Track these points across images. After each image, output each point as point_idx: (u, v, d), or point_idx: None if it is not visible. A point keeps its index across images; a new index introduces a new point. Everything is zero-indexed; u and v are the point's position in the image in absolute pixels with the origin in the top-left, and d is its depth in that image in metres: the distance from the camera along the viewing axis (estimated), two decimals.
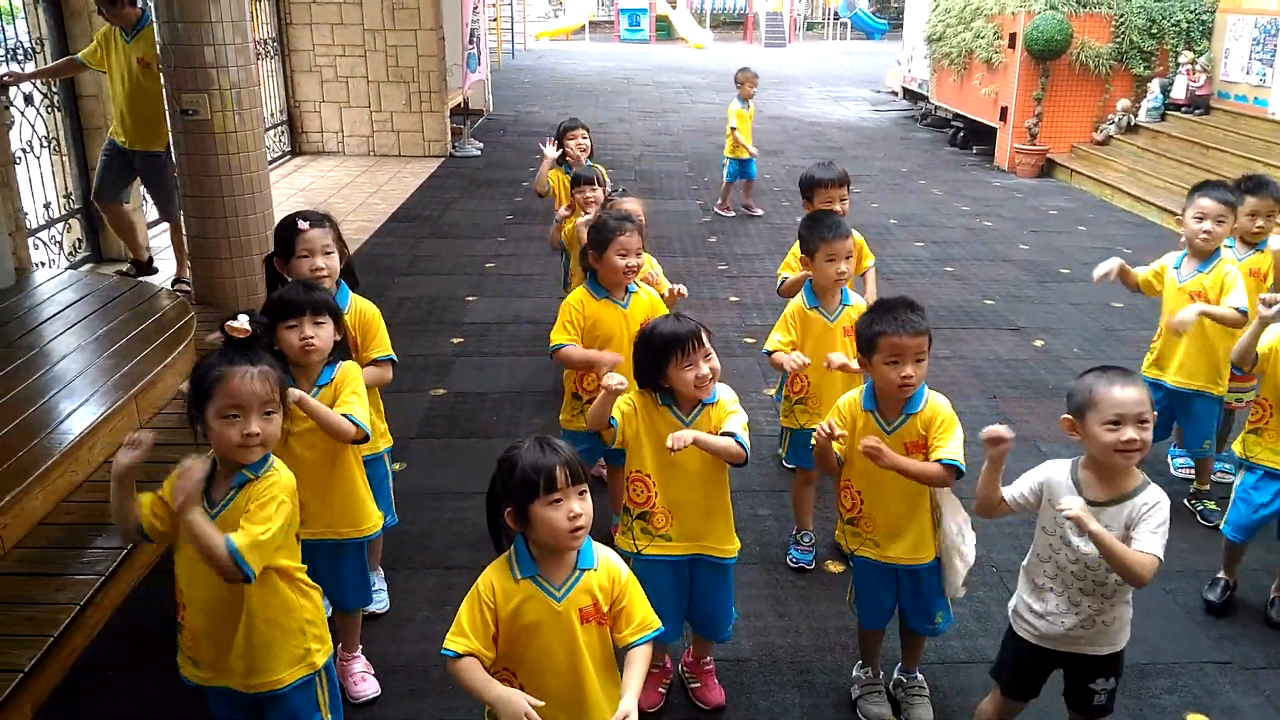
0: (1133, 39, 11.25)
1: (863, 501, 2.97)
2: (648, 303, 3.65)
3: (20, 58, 6.54)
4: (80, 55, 6.40)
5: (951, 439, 2.79)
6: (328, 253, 3.20)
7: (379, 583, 3.60)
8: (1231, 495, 3.67)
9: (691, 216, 9.42)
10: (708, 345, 2.77)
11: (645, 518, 2.91)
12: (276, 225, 3.30)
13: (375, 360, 3.30)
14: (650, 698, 3.10)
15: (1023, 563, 2.71)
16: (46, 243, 6.66)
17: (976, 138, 12.98)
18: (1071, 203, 10.37)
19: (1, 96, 5.99)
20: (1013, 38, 11.51)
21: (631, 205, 4.21)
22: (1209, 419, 4.22)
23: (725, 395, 2.86)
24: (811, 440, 2.96)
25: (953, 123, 13.87)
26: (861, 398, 2.94)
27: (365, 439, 2.87)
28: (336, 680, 2.60)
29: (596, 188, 4.95)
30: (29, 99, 6.51)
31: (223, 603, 2.32)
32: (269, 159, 7.63)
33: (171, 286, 6.47)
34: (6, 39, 6.54)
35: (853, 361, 3.20)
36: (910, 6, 16.30)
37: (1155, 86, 11.23)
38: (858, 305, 3.61)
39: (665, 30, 30.84)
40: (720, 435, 2.76)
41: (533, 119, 15.13)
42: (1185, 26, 11.17)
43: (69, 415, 4.03)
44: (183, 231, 6.47)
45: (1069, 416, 2.52)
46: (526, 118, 15.33)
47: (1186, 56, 10.97)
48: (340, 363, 2.92)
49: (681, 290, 3.98)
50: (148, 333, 4.90)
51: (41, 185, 6.63)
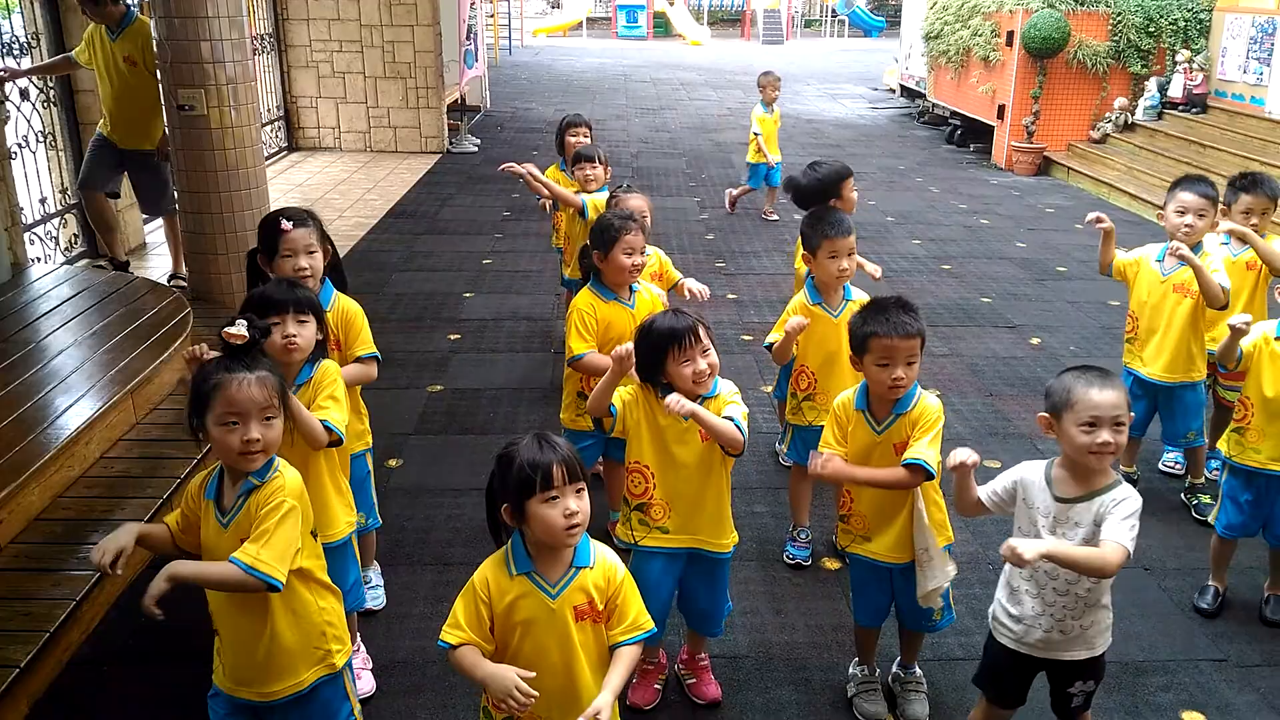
0: (1130, 37, 11.26)
1: (853, 499, 3.00)
2: (650, 301, 3.65)
3: (16, 52, 6.53)
4: (73, 53, 6.38)
5: (925, 438, 2.77)
6: (310, 252, 3.14)
7: (376, 579, 3.60)
8: (1219, 494, 3.68)
9: (689, 213, 9.42)
10: (706, 340, 2.76)
11: (643, 509, 2.92)
12: (260, 222, 3.25)
13: (360, 358, 3.26)
14: (646, 694, 3.11)
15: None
16: (42, 238, 6.65)
17: (974, 135, 13.00)
18: (1068, 201, 10.38)
19: None
20: (1010, 35, 11.52)
21: (636, 201, 4.16)
22: (1190, 408, 4.19)
23: (725, 389, 2.86)
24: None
25: (950, 120, 13.88)
26: (855, 396, 2.95)
27: (339, 443, 2.82)
28: (352, 667, 2.60)
29: (597, 165, 4.92)
30: (25, 94, 6.50)
31: (247, 612, 2.31)
32: (265, 155, 7.61)
33: (168, 282, 6.45)
34: (2, 34, 6.52)
35: None
36: (908, 4, 16.29)
37: (1152, 85, 11.25)
38: (861, 301, 3.61)
39: (663, 27, 30.84)
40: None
41: (530, 115, 15.13)
42: (1183, 25, 11.18)
43: (65, 411, 4.03)
44: (178, 228, 6.46)
45: (1046, 415, 2.53)
46: (524, 114, 15.32)
47: (1184, 55, 10.98)
48: (319, 361, 2.87)
49: (703, 292, 3.93)
50: (144, 328, 4.89)
51: (37, 180, 6.61)
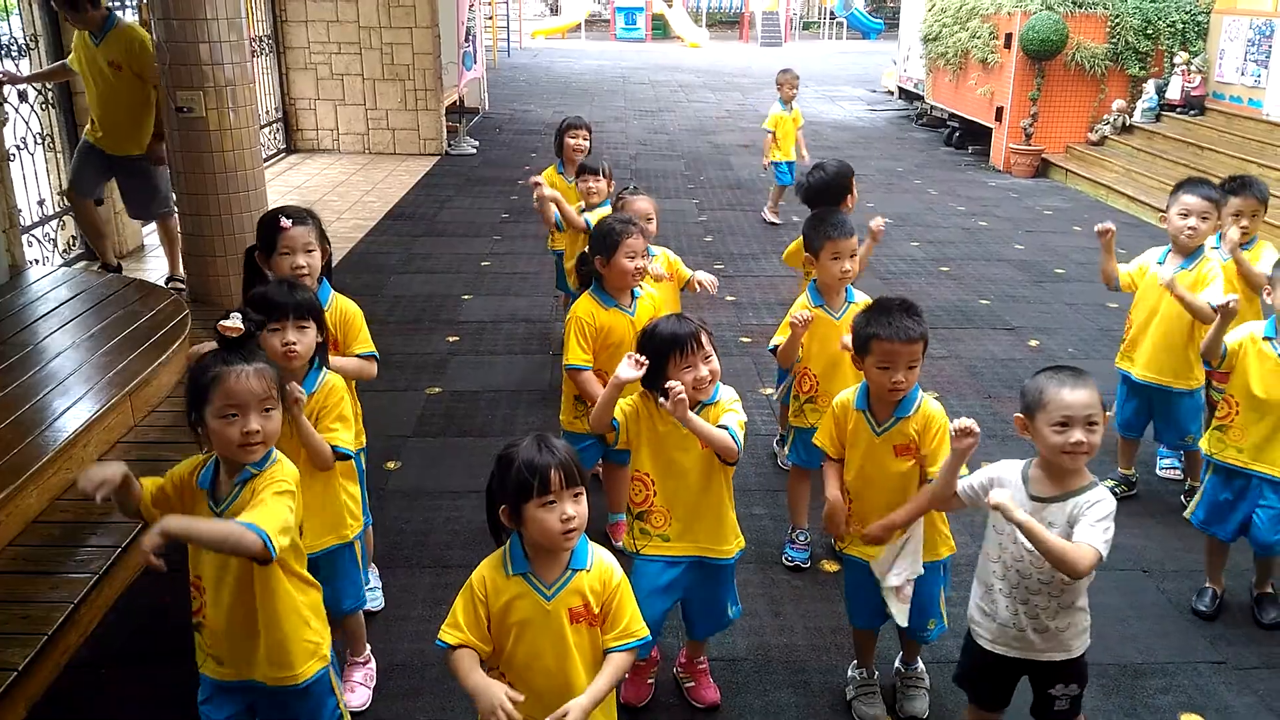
0: (1128, 39, 11.26)
1: (852, 500, 2.99)
2: (651, 306, 3.64)
3: (15, 54, 6.52)
4: (68, 60, 6.34)
5: (948, 455, 2.76)
6: (309, 250, 3.14)
7: (374, 581, 3.59)
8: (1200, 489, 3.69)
9: (687, 215, 9.42)
10: (708, 347, 2.76)
11: (644, 517, 2.92)
12: (259, 219, 3.26)
13: (359, 356, 3.27)
14: (640, 691, 3.10)
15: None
16: (41, 240, 6.65)
17: (972, 138, 13.00)
18: (1067, 203, 10.39)
19: None
20: (1008, 38, 11.53)
21: (643, 204, 4.15)
22: (1186, 414, 4.19)
23: (725, 396, 2.85)
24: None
25: (948, 122, 13.88)
26: (855, 397, 2.95)
27: (347, 459, 2.83)
28: (336, 660, 2.59)
29: (600, 179, 4.91)
30: (23, 96, 6.50)
31: (241, 597, 2.30)
32: (264, 157, 7.59)
33: (166, 284, 6.45)
34: (0, 35, 6.52)
35: None
36: (906, 6, 16.32)
37: (1150, 87, 11.26)
38: (865, 304, 3.60)
39: (661, 29, 30.86)
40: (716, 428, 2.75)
41: (529, 117, 15.13)
42: (1181, 27, 11.19)
43: (63, 413, 4.02)
44: (172, 229, 6.46)
45: (1020, 415, 2.53)
46: (522, 116, 15.32)
47: (1182, 57, 10.98)
48: (324, 374, 2.85)
49: (713, 284, 4.08)
50: (142, 331, 4.89)
51: (36, 182, 6.61)
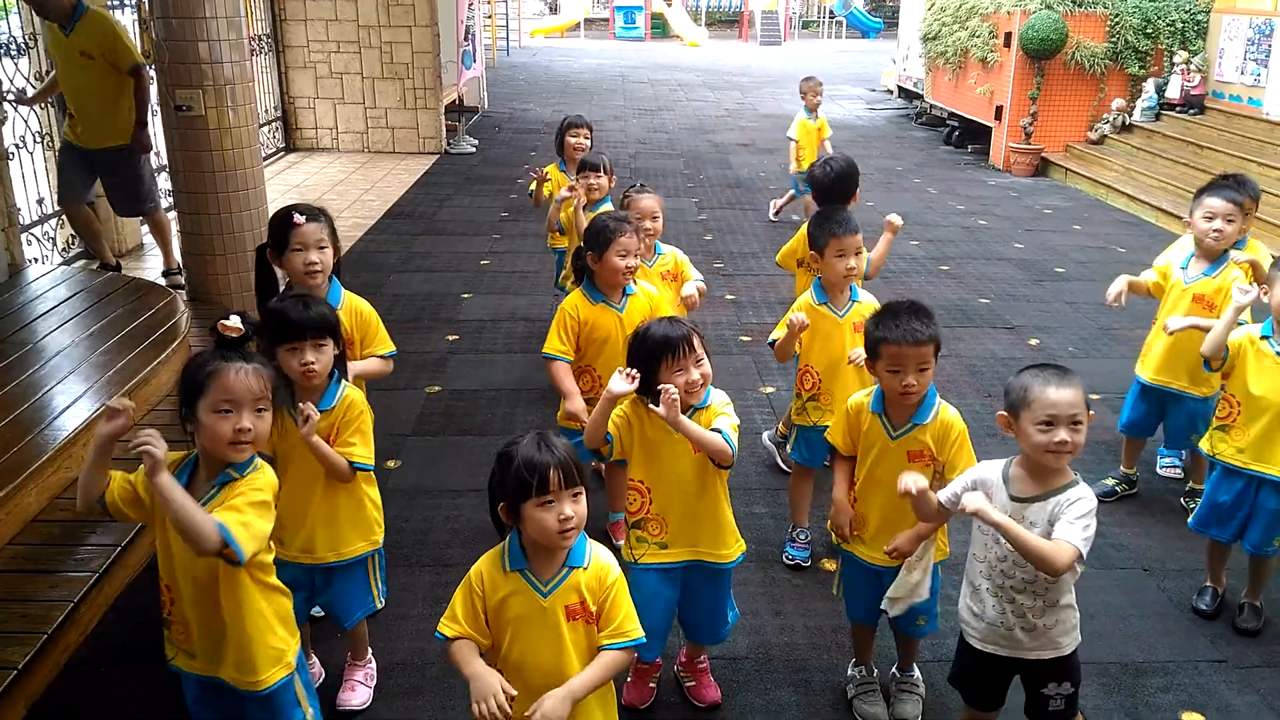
0: (1128, 38, 11.27)
1: (857, 499, 2.99)
2: (645, 305, 3.61)
3: (14, 54, 6.51)
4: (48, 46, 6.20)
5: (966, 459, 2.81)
6: (321, 247, 3.16)
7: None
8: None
9: (687, 214, 9.41)
10: (699, 350, 2.74)
11: (640, 525, 2.91)
12: (271, 216, 3.27)
13: (380, 356, 3.30)
14: (642, 694, 3.10)
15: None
16: (40, 239, 6.64)
17: (972, 137, 13.01)
18: (1066, 202, 10.39)
19: None
20: (1008, 37, 11.53)
21: (649, 201, 4.13)
22: (1199, 417, 4.17)
23: (717, 399, 2.83)
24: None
25: (948, 121, 13.88)
26: (870, 400, 2.95)
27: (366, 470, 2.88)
28: (306, 669, 2.58)
29: (602, 175, 4.89)
30: (21, 95, 6.48)
31: (209, 593, 2.30)
32: (263, 155, 7.59)
33: (164, 278, 6.43)
34: None
35: None
36: (906, 5, 16.31)
37: (1150, 86, 11.26)
38: (868, 303, 3.60)
39: (660, 28, 30.87)
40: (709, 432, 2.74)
41: (528, 116, 15.12)
42: (1180, 26, 11.19)
43: (62, 412, 4.02)
44: (161, 222, 6.44)
45: (1004, 414, 2.52)
46: (521, 115, 15.32)
47: (1181, 56, 10.98)
48: (343, 388, 2.83)
49: (691, 298, 4.01)
50: (141, 330, 4.88)
51: (35, 181, 6.60)
